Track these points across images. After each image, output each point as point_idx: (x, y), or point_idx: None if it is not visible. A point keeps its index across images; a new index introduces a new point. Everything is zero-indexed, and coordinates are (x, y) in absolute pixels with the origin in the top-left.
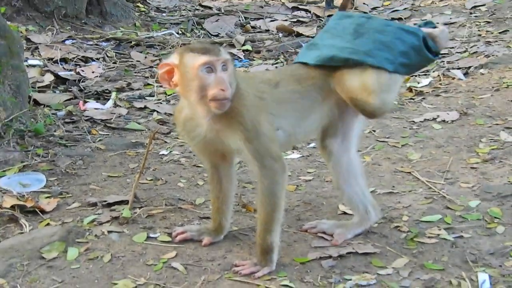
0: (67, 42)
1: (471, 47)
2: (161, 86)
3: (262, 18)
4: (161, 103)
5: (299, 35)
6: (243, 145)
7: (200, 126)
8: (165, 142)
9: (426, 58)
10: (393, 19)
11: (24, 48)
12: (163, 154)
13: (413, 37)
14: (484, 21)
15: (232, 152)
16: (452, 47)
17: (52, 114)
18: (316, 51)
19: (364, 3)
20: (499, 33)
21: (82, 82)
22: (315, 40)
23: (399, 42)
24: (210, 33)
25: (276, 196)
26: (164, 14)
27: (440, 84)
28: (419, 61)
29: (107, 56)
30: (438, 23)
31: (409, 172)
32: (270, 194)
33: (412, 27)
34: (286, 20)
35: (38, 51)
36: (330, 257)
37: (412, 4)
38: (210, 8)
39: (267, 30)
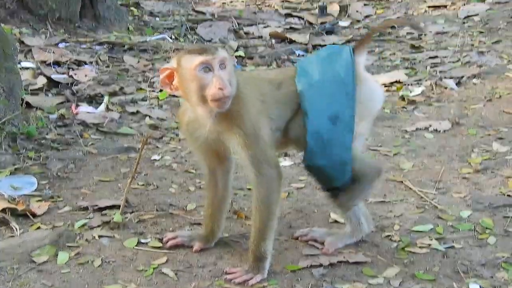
0: (60, 45)
1: (464, 56)
2: (153, 91)
3: (255, 24)
4: (153, 108)
5: (292, 41)
6: (241, 150)
7: (203, 127)
8: (157, 147)
9: None
10: None
11: (18, 50)
12: (154, 159)
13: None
14: (477, 31)
15: (231, 154)
16: (445, 57)
17: (45, 117)
18: None
19: (357, 11)
20: (492, 43)
21: (75, 85)
22: None
23: None
24: (203, 38)
25: (272, 204)
26: (157, 19)
27: (433, 93)
28: None
29: (100, 59)
30: (430, 31)
31: (401, 181)
32: (266, 202)
33: None
34: (279, 27)
35: (32, 54)
36: (321, 265)
37: (405, 13)
38: (203, 13)
39: (260, 37)
